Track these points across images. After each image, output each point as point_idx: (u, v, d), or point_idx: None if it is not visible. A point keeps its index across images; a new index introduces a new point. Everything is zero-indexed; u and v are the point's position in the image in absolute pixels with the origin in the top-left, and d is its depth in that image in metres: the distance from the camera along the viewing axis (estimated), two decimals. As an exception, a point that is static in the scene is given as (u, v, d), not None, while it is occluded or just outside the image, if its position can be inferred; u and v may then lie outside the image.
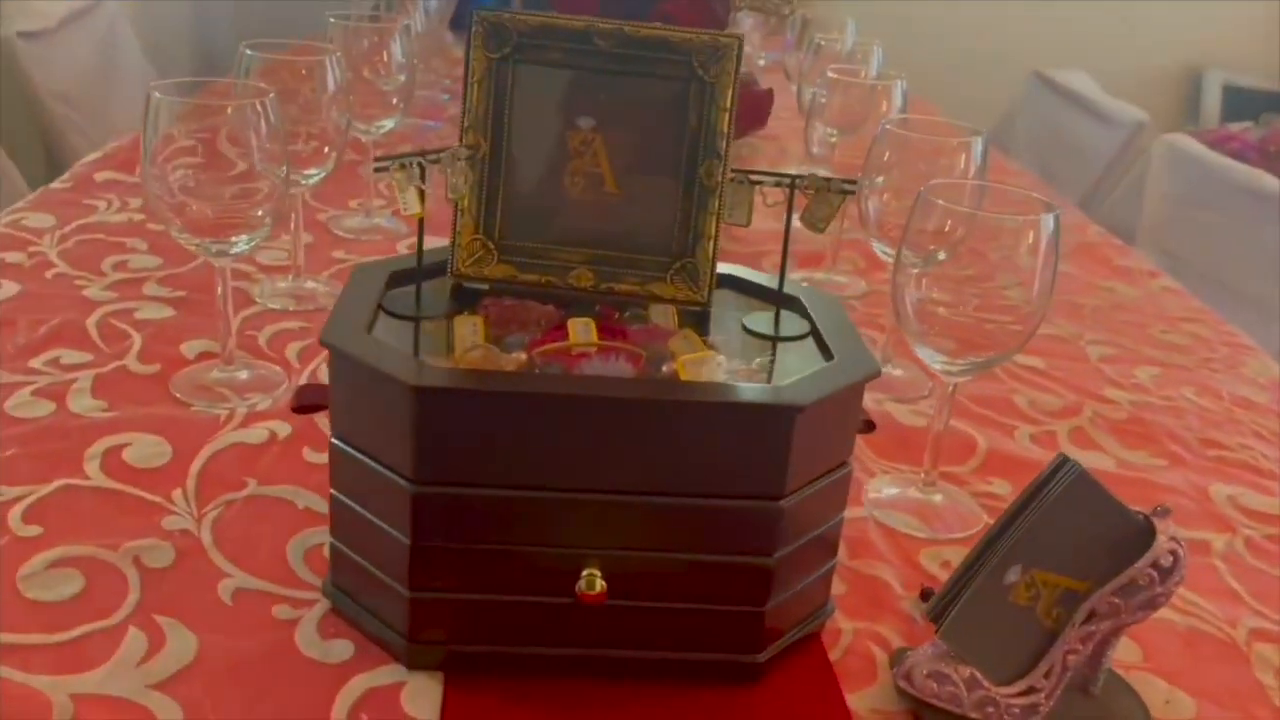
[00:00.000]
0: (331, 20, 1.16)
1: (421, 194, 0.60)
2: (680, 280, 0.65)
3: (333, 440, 0.58)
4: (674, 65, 0.63)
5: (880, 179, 0.96)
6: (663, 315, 0.67)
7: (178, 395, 0.82)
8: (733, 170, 0.63)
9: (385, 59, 1.20)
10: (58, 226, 1.13)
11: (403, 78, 1.24)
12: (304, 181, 1.00)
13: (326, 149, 0.99)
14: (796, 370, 0.60)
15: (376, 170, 0.58)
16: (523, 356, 0.60)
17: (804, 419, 0.54)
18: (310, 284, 1.05)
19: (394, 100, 1.21)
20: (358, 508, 0.57)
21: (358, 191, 1.30)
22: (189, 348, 0.90)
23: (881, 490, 0.80)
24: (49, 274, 1.02)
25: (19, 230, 1.11)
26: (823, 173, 1.21)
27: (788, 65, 1.70)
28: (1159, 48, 3.73)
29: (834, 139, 1.26)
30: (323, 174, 1.00)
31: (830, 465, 0.59)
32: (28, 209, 1.18)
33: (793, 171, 0.68)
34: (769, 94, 0.78)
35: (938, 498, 0.79)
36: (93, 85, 2.09)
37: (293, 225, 1.03)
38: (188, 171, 0.78)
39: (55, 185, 1.27)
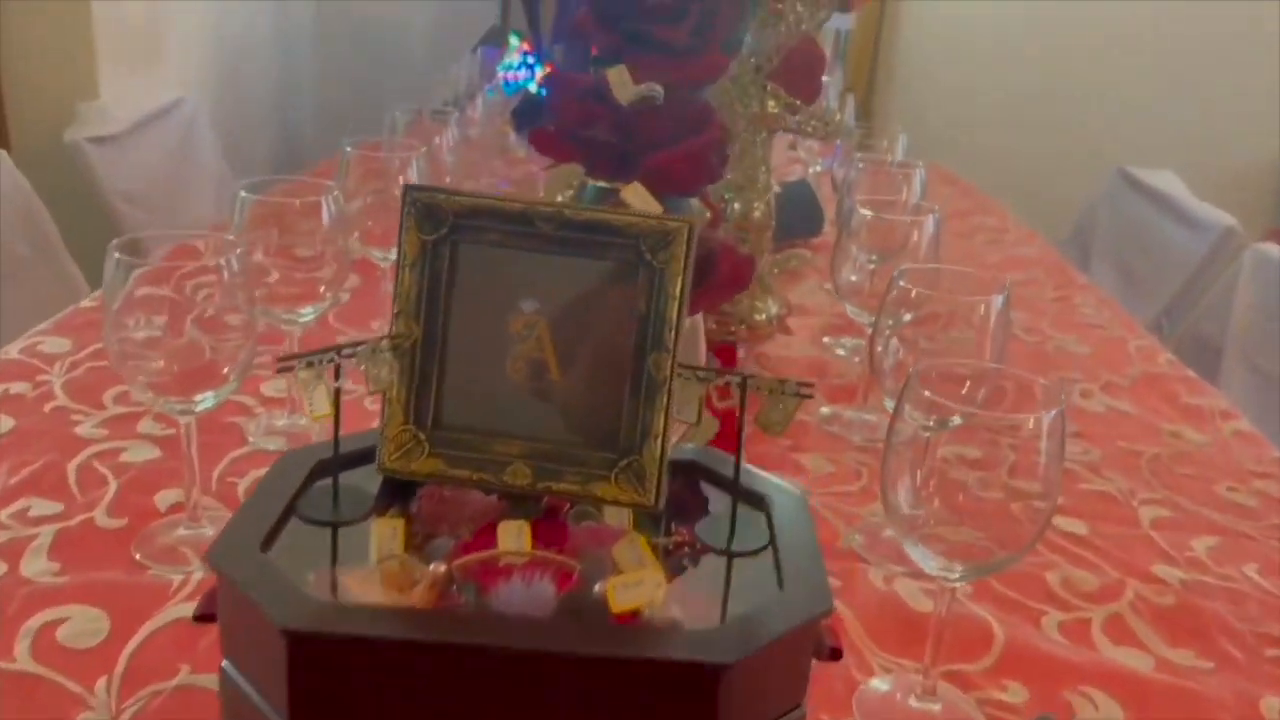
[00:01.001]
0: (348, 149, 1.14)
1: (337, 392, 0.55)
2: (625, 480, 0.58)
3: (223, 664, 0.53)
4: (621, 249, 0.58)
5: (904, 317, 0.90)
6: (615, 512, 0.61)
7: (137, 557, 0.79)
8: (680, 367, 0.57)
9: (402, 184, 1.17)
10: (72, 352, 1.13)
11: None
12: (299, 319, 0.97)
13: (323, 288, 0.96)
14: (747, 593, 0.53)
15: (280, 371, 0.54)
16: (442, 568, 0.55)
17: (732, 675, 0.47)
18: (306, 420, 1.02)
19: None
20: (244, 741, 0.52)
21: (380, 311, 1.28)
22: (163, 498, 0.87)
23: (875, 694, 0.71)
24: (48, 407, 1.01)
25: (32, 357, 1.11)
26: (850, 308, 1.15)
27: (835, 176, 1.65)
28: (1257, 141, 3.55)
29: (873, 264, 1.19)
30: (317, 313, 0.97)
31: (773, 715, 0.51)
32: (49, 331, 1.18)
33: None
34: (750, 260, 0.73)
35: (936, 707, 0.70)
36: (163, 186, 2.15)
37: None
38: (151, 330, 0.76)
39: (85, 304, 1.28)
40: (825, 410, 1.16)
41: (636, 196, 0.70)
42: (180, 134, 2.31)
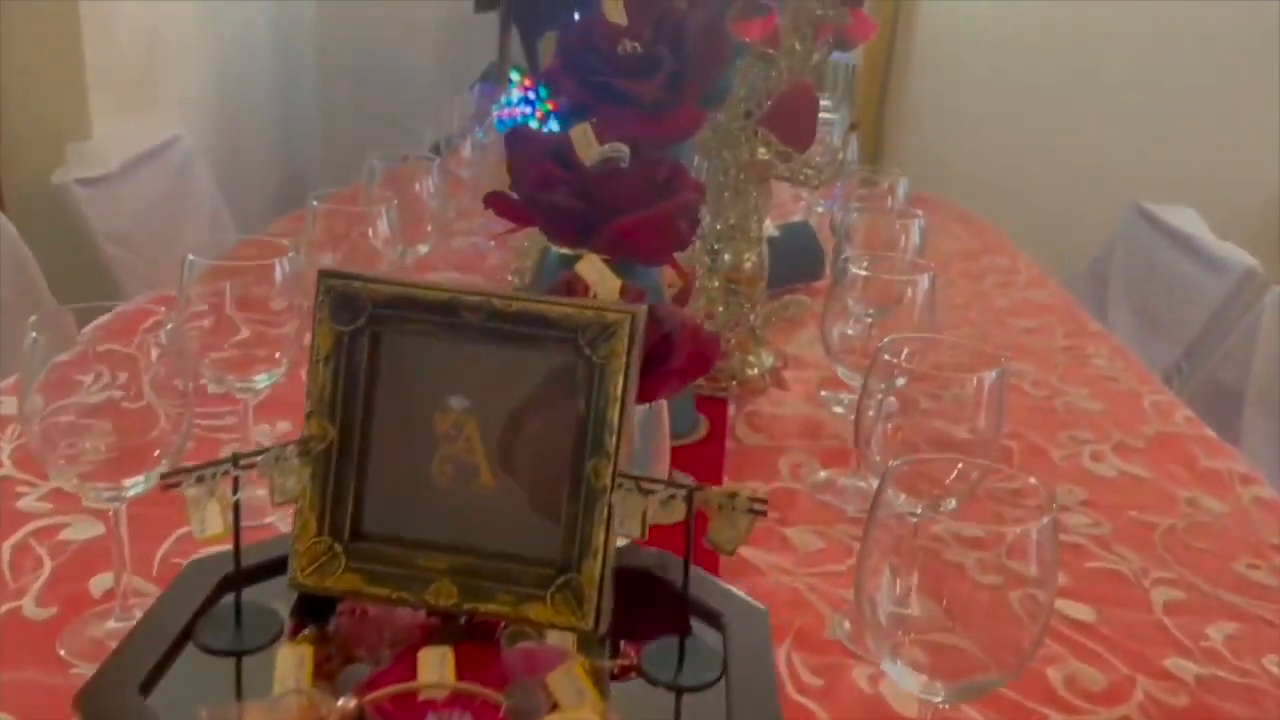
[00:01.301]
0: (314, 203, 1.09)
1: (236, 506, 0.50)
2: (562, 600, 0.52)
3: (99, 817, 0.47)
4: (557, 342, 0.52)
5: (898, 381, 0.85)
6: (558, 633, 0.55)
7: (61, 653, 0.74)
8: (621, 476, 0.51)
9: (372, 236, 1.13)
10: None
11: (401, 248, 1.18)
12: (256, 388, 0.92)
13: (278, 354, 0.91)
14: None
15: (165, 488, 0.48)
16: (352, 704, 0.49)
17: None
18: (263, 492, 0.96)
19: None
20: None
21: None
22: (99, 583, 0.82)
23: (855, 819, 0.65)
24: (-8, 478, 0.96)
25: (-16, 421, 1.06)
26: (843, 370, 1.09)
27: (834, 219, 1.59)
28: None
29: (870, 317, 1.13)
30: (272, 380, 0.92)
31: None
32: (7, 391, 1.13)
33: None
34: (715, 340, 0.67)
35: (922, 837, 0.64)
36: (156, 228, 2.11)
37: (250, 430, 0.95)
38: (75, 411, 0.71)
39: (58, 358, 1.23)
40: (820, 475, 1.10)
41: (592, 270, 0.64)
42: (175, 173, 2.28)
